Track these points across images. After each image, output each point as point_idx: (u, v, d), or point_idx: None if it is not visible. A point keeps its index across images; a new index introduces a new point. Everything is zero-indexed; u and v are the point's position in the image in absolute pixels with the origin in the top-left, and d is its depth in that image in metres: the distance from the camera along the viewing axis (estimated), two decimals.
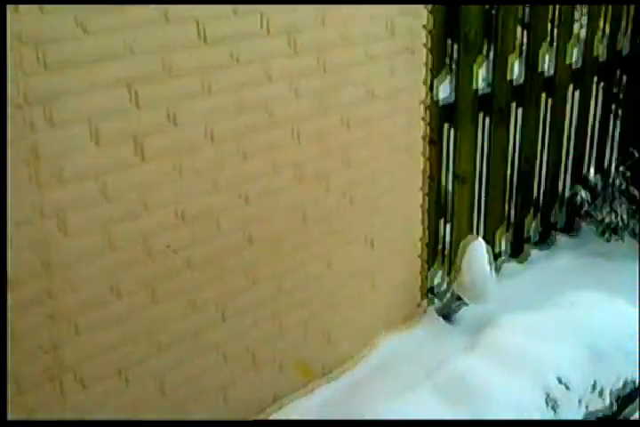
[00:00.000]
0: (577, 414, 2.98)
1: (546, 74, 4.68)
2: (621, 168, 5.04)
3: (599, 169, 5.27)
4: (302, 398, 3.54)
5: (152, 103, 2.69)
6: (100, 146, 2.58)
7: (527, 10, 4.42)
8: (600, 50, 4.97)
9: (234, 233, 3.09)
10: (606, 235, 5.01)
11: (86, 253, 2.64)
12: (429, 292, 4.35)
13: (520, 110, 4.60)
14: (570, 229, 5.24)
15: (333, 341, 3.70)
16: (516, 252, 4.93)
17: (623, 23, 5.07)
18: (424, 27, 3.70)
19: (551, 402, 2.84)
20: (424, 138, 3.93)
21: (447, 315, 4.24)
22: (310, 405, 3.50)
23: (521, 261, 4.91)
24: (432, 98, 3.92)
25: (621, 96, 5.26)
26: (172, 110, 2.76)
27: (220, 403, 3.22)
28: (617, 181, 4.98)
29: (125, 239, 2.74)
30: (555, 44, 4.66)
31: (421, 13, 3.67)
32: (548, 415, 2.83)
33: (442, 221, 4.33)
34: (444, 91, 4.05)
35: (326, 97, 3.31)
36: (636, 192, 4.94)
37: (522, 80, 4.53)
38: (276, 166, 3.18)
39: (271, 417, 3.39)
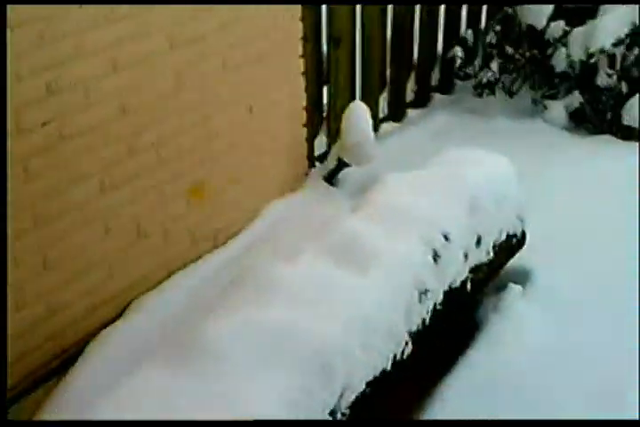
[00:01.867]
0: (463, 268, 3.07)
1: None
2: (493, 24, 5.05)
3: (473, 27, 5.28)
4: (190, 265, 3.55)
5: None
6: None
7: None
8: None
9: (105, 103, 2.98)
10: (480, 91, 5.07)
11: None
12: (315, 159, 4.36)
13: None
14: (445, 87, 5.29)
15: (218, 209, 3.69)
16: (396, 113, 4.96)
17: None
18: None
19: (437, 257, 2.89)
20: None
21: (331, 179, 4.27)
22: (198, 271, 3.52)
23: (399, 122, 4.95)
24: None
25: None
26: None
27: (105, 275, 3.21)
28: (490, 38, 5.00)
29: None
30: None
31: None
32: (434, 270, 2.90)
33: (324, 87, 4.28)
34: None
35: None
36: (508, 48, 4.97)
37: None
38: (146, 29, 3.05)
39: (159, 286, 3.39)
